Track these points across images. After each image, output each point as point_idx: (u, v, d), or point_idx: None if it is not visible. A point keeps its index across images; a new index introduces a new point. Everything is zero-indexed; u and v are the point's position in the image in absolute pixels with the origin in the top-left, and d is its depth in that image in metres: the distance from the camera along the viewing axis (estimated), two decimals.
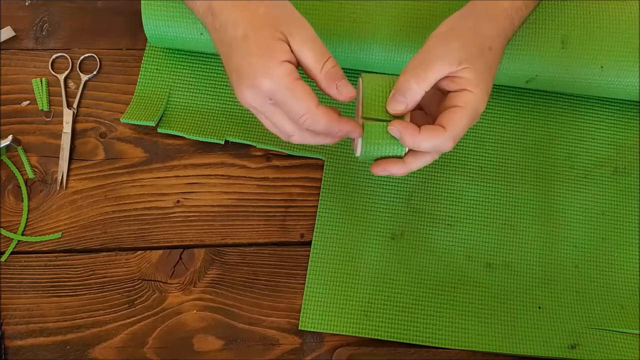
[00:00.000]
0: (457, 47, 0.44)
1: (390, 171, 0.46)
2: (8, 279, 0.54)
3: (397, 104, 0.43)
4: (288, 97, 0.42)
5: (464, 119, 0.43)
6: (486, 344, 0.52)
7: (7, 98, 0.59)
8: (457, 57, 0.43)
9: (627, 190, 0.58)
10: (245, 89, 0.42)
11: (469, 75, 0.43)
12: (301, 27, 0.43)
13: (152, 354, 0.52)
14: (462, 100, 0.44)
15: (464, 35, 0.45)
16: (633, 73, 0.54)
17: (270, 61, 0.41)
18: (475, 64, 0.44)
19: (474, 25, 0.46)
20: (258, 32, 0.42)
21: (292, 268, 0.55)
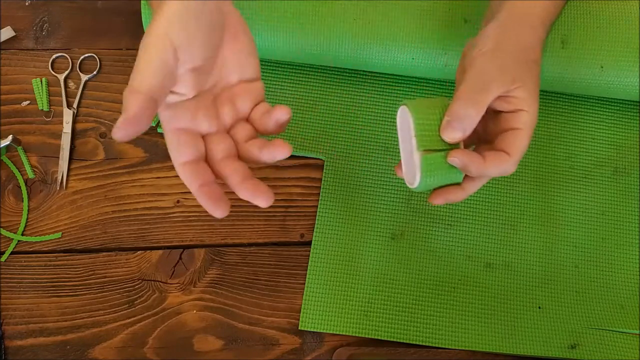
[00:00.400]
0: (510, 65, 0.42)
1: (449, 200, 0.44)
2: (8, 279, 0.54)
3: (455, 131, 0.40)
4: None
5: (525, 141, 0.42)
6: (486, 344, 0.52)
7: (7, 98, 0.59)
8: (511, 76, 0.41)
9: (627, 190, 0.58)
10: None
11: (523, 95, 0.42)
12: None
13: (152, 354, 0.52)
14: (520, 121, 0.42)
15: (513, 52, 0.43)
16: (633, 73, 0.54)
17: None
18: (527, 81, 0.42)
19: (517, 39, 0.43)
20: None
21: (292, 268, 0.55)
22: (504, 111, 0.43)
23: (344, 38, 0.54)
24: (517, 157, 0.42)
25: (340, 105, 0.59)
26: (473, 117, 0.41)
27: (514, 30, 0.44)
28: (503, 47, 0.42)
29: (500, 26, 0.44)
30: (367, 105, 0.59)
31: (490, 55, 0.42)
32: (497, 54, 0.42)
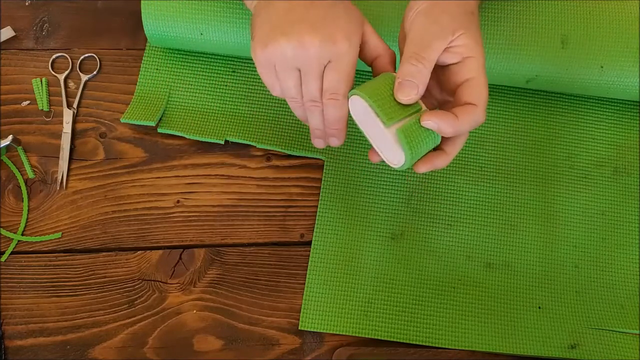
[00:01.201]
0: (448, 19, 0.43)
1: (436, 165, 0.45)
2: (8, 279, 0.54)
3: (409, 89, 0.42)
4: (343, 73, 0.43)
5: (484, 86, 0.43)
6: (486, 344, 0.52)
7: (7, 98, 0.59)
8: (450, 28, 0.42)
9: (627, 190, 0.58)
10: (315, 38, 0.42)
11: (466, 42, 0.42)
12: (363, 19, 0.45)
13: (152, 354, 0.52)
14: (470, 69, 0.43)
15: (447, 6, 0.44)
16: (633, 73, 0.54)
17: (357, 36, 0.43)
18: (468, 29, 0.43)
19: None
20: (344, 4, 0.44)
21: (292, 268, 0.55)
22: (452, 63, 0.43)
23: None
24: (483, 105, 0.43)
25: None
26: (422, 72, 0.42)
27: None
28: (436, 4, 0.44)
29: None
30: None
31: (425, 13, 0.44)
32: (432, 11, 0.44)
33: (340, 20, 0.43)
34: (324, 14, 0.42)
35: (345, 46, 0.42)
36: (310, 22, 0.42)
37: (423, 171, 0.45)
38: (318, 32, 0.42)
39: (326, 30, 0.42)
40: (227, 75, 0.60)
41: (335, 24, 0.42)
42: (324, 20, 0.42)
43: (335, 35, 0.42)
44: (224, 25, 0.54)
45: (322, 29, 0.42)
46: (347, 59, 0.43)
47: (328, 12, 0.43)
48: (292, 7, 0.43)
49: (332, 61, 0.43)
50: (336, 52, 0.42)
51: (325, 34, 0.42)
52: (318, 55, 0.42)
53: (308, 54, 0.42)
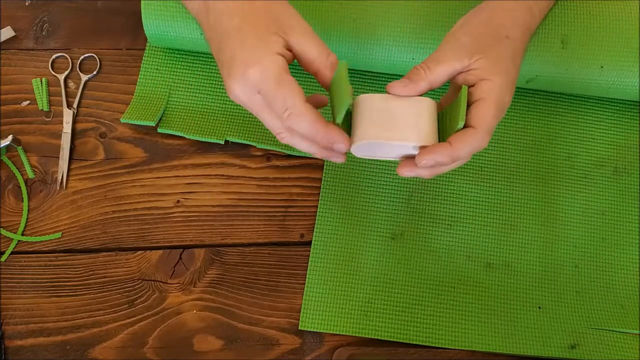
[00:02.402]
0: (468, 40, 0.43)
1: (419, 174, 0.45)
2: (8, 279, 0.54)
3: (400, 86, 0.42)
4: (274, 89, 0.41)
5: (491, 110, 0.42)
6: (486, 344, 0.52)
7: (7, 98, 0.59)
8: (468, 50, 0.43)
9: (627, 190, 0.58)
10: (234, 80, 0.41)
11: (483, 65, 0.42)
12: (300, 22, 0.43)
13: (152, 354, 0.52)
14: (482, 91, 0.42)
15: (476, 29, 0.45)
16: (633, 73, 0.54)
17: (264, 51, 0.41)
18: (489, 53, 0.43)
19: (487, 18, 0.45)
20: (254, 23, 0.42)
21: (292, 268, 0.55)
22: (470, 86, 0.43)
23: (344, 38, 0.54)
24: (485, 128, 0.42)
25: None
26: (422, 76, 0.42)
27: (485, 13, 0.46)
28: (466, 27, 0.45)
29: (474, 10, 0.47)
30: None
31: (452, 34, 0.45)
32: (458, 32, 0.45)
33: (243, 49, 0.41)
34: (229, 55, 0.42)
35: (259, 74, 0.41)
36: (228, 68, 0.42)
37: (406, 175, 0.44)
38: (232, 78, 0.41)
39: (234, 68, 0.41)
40: None
41: (239, 56, 0.41)
42: (231, 58, 0.41)
43: (243, 67, 0.41)
44: None
45: (233, 70, 0.41)
46: (266, 82, 0.41)
47: (233, 43, 0.42)
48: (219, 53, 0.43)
49: (259, 89, 0.41)
50: (252, 79, 0.41)
51: (236, 78, 0.41)
52: (248, 96, 0.42)
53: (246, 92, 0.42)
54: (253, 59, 0.41)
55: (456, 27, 0.46)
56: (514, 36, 0.45)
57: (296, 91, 0.41)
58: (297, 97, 0.41)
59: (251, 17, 0.42)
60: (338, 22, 0.54)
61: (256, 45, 0.41)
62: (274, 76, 0.40)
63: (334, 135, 0.42)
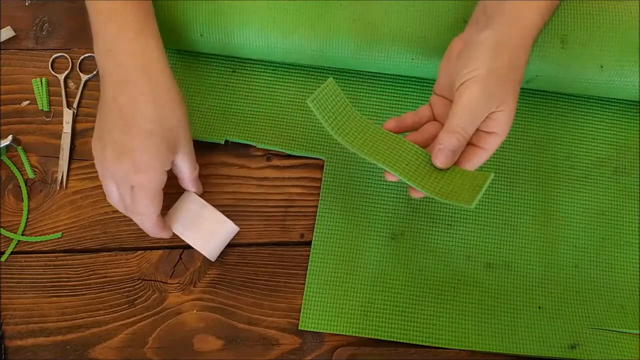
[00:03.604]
0: (498, 90, 0.44)
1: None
2: (8, 279, 0.54)
3: (450, 159, 0.45)
4: (147, 200, 0.47)
5: (484, 160, 0.46)
6: (486, 344, 0.52)
7: (7, 98, 0.59)
8: (498, 101, 0.44)
9: (627, 190, 0.58)
10: (118, 165, 0.46)
11: (503, 119, 0.45)
12: (188, 140, 0.50)
13: (152, 354, 0.52)
14: (487, 143, 0.46)
15: (502, 75, 0.44)
16: (633, 73, 0.54)
17: (161, 165, 0.47)
18: (510, 104, 0.45)
19: (509, 61, 0.45)
20: (162, 139, 0.47)
21: (292, 268, 0.55)
22: (479, 129, 0.46)
23: (344, 38, 0.54)
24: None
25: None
26: (462, 145, 0.45)
27: (507, 50, 0.45)
28: (495, 71, 0.44)
29: (496, 45, 0.45)
30: (367, 105, 0.59)
31: (483, 82, 0.44)
32: (489, 81, 0.44)
33: (146, 154, 0.46)
34: (126, 141, 0.46)
35: (145, 180, 0.47)
36: (115, 145, 0.47)
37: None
38: (121, 161, 0.46)
39: (128, 160, 0.46)
40: (227, 75, 0.60)
41: (140, 155, 0.46)
42: (131, 151, 0.46)
43: (136, 166, 0.46)
44: (223, 25, 0.54)
45: (125, 159, 0.46)
46: (145, 191, 0.47)
47: (139, 143, 0.46)
48: (115, 129, 0.47)
49: (135, 187, 0.47)
50: (136, 181, 0.47)
51: (126, 164, 0.46)
52: (122, 179, 0.47)
53: (114, 176, 0.48)
54: (149, 167, 0.47)
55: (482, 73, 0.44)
56: (521, 78, 0.46)
57: (158, 205, 0.48)
58: (156, 211, 0.49)
59: (162, 131, 0.47)
60: (338, 22, 0.54)
61: (157, 158, 0.47)
62: (154, 189, 0.48)
63: (163, 234, 0.51)
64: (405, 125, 0.48)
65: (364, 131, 0.48)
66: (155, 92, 0.47)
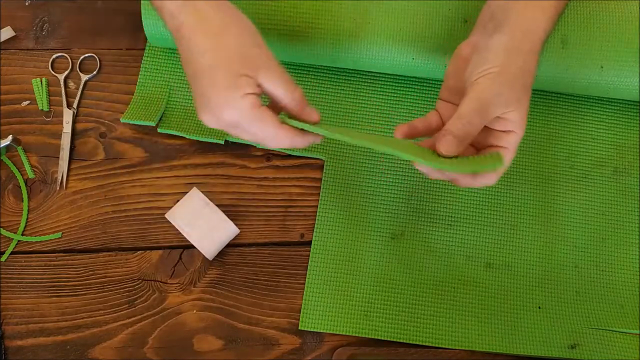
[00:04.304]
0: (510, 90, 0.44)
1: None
2: (8, 279, 0.54)
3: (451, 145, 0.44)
4: (253, 126, 0.44)
5: (509, 159, 0.45)
6: (486, 344, 0.52)
7: (7, 98, 0.59)
8: (509, 100, 0.44)
9: (627, 190, 0.58)
10: (209, 116, 0.44)
11: (516, 118, 0.44)
12: (268, 62, 0.45)
13: (152, 354, 0.52)
14: (507, 142, 0.45)
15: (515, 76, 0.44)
16: (633, 73, 0.54)
17: (235, 94, 0.43)
18: (523, 104, 0.44)
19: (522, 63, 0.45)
20: (225, 64, 0.43)
21: (292, 268, 0.55)
22: (495, 129, 0.45)
23: (344, 38, 0.54)
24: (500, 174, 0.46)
25: (340, 105, 0.59)
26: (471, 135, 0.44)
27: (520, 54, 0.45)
28: (507, 71, 0.44)
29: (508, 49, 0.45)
30: (367, 105, 0.59)
31: (495, 79, 0.44)
32: (501, 79, 0.44)
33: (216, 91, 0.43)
34: (201, 90, 0.44)
35: (234, 115, 0.43)
36: (201, 102, 0.44)
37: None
38: (207, 113, 0.44)
39: (210, 109, 0.44)
40: None
41: (212, 99, 0.43)
42: (203, 96, 0.44)
43: (217, 108, 0.43)
44: None
45: (205, 108, 0.44)
46: (243, 121, 0.44)
47: (207, 82, 0.43)
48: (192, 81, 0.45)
49: (235, 126, 0.44)
50: (230, 122, 0.44)
51: (212, 115, 0.44)
52: (223, 127, 0.45)
53: (220, 125, 0.45)
54: (225, 103, 0.43)
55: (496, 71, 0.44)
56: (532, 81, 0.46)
57: (269, 121, 0.44)
58: (271, 127, 0.44)
59: (222, 56, 0.43)
60: (338, 22, 0.54)
61: (227, 88, 0.43)
62: (249, 116, 0.43)
63: (309, 138, 0.46)
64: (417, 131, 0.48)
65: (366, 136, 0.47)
66: (204, 24, 0.44)
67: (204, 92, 0.43)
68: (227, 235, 0.52)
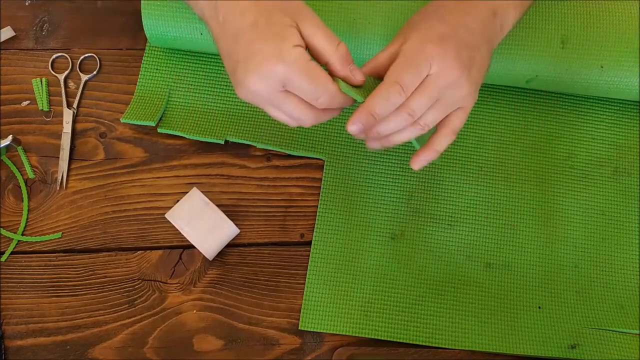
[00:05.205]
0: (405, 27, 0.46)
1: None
2: (8, 279, 0.54)
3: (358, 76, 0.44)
4: (304, 80, 0.41)
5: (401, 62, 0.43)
6: (486, 344, 0.52)
7: (7, 98, 0.59)
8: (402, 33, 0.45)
9: (627, 190, 0.58)
10: (255, 77, 0.41)
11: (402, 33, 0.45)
12: (309, 14, 0.43)
13: (152, 354, 0.52)
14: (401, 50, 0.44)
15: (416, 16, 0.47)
16: (633, 73, 0.54)
17: (284, 45, 0.41)
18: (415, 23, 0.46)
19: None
20: (268, 18, 0.42)
21: (292, 268, 0.55)
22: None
23: (344, 38, 0.54)
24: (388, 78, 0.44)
25: None
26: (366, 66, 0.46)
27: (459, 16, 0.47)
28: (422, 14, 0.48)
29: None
30: None
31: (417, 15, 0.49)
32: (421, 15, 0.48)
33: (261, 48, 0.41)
34: (245, 51, 0.42)
35: (284, 70, 0.41)
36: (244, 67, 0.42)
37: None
38: (253, 75, 0.41)
39: (257, 67, 0.41)
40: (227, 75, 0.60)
41: (260, 54, 0.41)
42: (251, 57, 0.41)
43: (268, 66, 0.41)
44: None
45: (254, 65, 0.41)
46: (294, 74, 0.41)
47: (254, 43, 0.41)
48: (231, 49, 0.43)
49: (286, 86, 0.42)
50: (279, 79, 0.41)
51: (258, 75, 0.41)
52: (270, 91, 0.42)
53: (267, 87, 0.42)
54: (275, 55, 0.41)
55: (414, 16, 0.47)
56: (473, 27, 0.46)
57: (324, 76, 0.42)
58: (327, 82, 0.42)
59: (264, 13, 0.42)
60: (338, 22, 0.54)
61: (276, 40, 0.41)
62: (301, 68, 0.41)
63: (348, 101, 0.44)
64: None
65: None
66: None
67: (249, 51, 0.41)
68: (227, 235, 0.52)
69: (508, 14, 0.48)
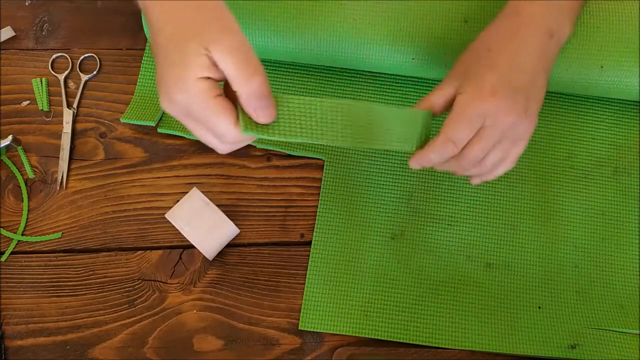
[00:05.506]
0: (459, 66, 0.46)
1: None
2: (8, 279, 0.54)
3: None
4: (202, 117, 0.40)
5: (455, 119, 0.43)
6: (486, 344, 0.52)
7: (7, 98, 0.59)
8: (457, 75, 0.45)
9: (627, 190, 0.58)
10: (165, 99, 0.40)
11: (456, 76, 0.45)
12: (228, 35, 0.39)
13: (152, 354, 0.52)
14: (455, 103, 0.45)
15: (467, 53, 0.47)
16: (633, 73, 0.54)
17: (187, 75, 0.38)
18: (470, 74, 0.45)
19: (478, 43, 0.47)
20: (179, 42, 0.39)
21: (292, 268, 0.55)
22: None
23: (344, 38, 0.54)
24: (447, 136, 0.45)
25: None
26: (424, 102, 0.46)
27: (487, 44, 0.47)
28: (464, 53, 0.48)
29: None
30: None
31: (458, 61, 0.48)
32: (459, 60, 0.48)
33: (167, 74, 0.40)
34: (159, 70, 0.41)
35: (182, 99, 0.39)
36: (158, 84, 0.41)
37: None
38: (162, 94, 0.40)
39: (165, 89, 0.40)
40: None
41: (166, 80, 0.40)
42: (161, 77, 0.40)
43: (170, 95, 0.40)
44: None
45: (162, 89, 0.40)
46: (194, 108, 0.39)
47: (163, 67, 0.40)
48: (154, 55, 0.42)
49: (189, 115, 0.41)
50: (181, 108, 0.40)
51: (166, 95, 0.40)
52: (178, 115, 0.41)
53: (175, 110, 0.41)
54: (178, 84, 0.39)
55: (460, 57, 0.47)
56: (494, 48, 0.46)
57: (226, 114, 0.39)
58: (227, 124, 0.40)
59: (176, 34, 0.39)
60: (338, 22, 0.54)
61: (180, 68, 0.39)
62: (199, 103, 0.39)
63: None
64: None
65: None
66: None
67: (160, 72, 0.40)
68: (227, 235, 0.52)
69: (564, 29, 0.48)
